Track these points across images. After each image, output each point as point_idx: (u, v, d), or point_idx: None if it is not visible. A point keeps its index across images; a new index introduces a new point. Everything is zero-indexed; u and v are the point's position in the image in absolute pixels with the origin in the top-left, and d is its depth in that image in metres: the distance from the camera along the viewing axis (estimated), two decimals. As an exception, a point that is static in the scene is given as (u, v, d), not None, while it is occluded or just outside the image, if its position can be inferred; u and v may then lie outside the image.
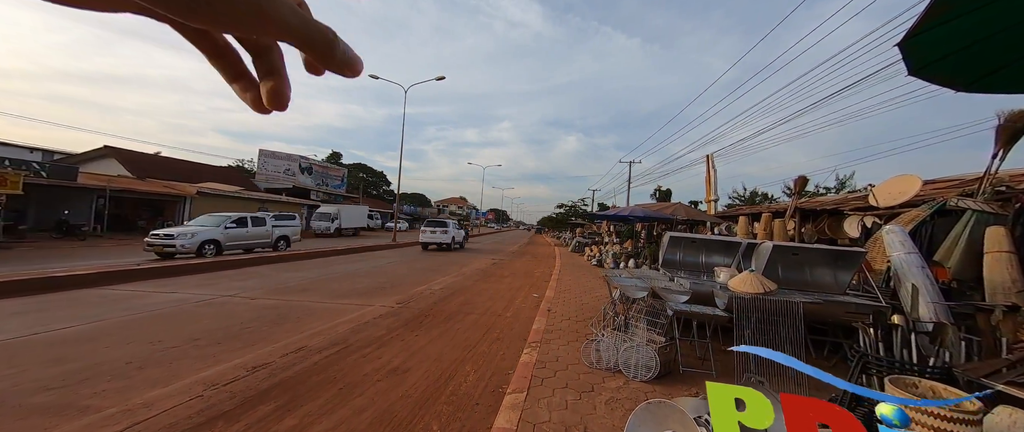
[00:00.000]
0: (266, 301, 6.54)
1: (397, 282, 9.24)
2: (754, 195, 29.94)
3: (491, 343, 4.91)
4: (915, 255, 4.10)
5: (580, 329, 5.21)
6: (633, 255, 12.29)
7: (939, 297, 3.77)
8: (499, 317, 6.31)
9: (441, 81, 21.29)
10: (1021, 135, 4.69)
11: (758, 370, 3.53)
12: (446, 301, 7.38)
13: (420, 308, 6.63)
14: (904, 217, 5.86)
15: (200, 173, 28.06)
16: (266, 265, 10.98)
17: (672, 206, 11.67)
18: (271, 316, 5.56)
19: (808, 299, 3.65)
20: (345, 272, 10.46)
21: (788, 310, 3.55)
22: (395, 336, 4.96)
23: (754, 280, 3.85)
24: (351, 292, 7.74)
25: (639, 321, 3.99)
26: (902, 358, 2.32)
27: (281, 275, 9.38)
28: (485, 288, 9.12)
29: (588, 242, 21.86)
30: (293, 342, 4.47)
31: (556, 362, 3.86)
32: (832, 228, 8.50)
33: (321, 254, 14.09)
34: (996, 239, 4.50)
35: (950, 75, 1.92)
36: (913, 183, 6.15)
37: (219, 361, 3.81)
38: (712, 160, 14.61)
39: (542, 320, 5.62)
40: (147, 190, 19.14)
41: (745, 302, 3.65)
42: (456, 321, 5.93)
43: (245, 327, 4.95)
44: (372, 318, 5.77)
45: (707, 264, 5.40)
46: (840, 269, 4.45)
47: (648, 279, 4.93)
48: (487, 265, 14.09)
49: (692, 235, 5.54)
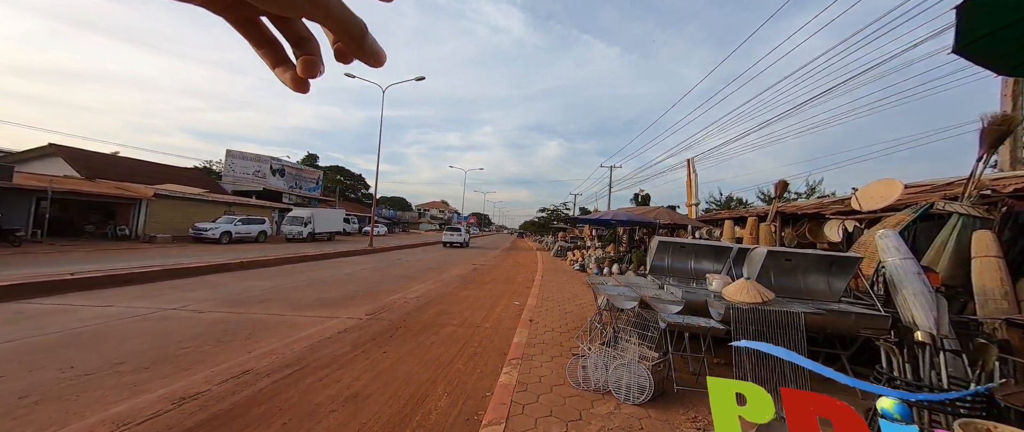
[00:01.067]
0: (215, 315, 5.85)
1: (369, 290, 8.63)
2: (730, 200, 30.66)
3: (468, 360, 4.45)
4: (911, 261, 3.94)
5: (564, 342, 4.82)
6: (617, 260, 12.07)
7: (936, 306, 3.60)
8: (478, 329, 5.86)
9: (421, 82, 20.73)
10: (1005, 138, 4.68)
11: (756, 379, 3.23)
12: (421, 311, 6.86)
13: (392, 320, 6.10)
14: (888, 221, 5.80)
15: (161, 174, 26.30)
16: (225, 273, 10.11)
17: (654, 210, 11.55)
18: (217, 333, 4.91)
19: (809, 310, 3.39)
20: (313, 280, 9.74)
21: (788, 322, 3.28)
22: (360, 354, 4.43)
23: (751, 288, 3.57)
24: (317, 303, 7.10)
25: (629, 334, 3.64)
26: (931, 381, 2.05)
27: (240, 284, 8.60)
28: (464, 296, 8.64)
29: (570, 246, 21.66)
30: (237, 365, 3.88)
31: (539, 384, 3.45)
32: (812, 232, 8.50)
33: (288, 261, 13.22)
34: (984, 244, 4.42)
35: (997, 55, 1.66)
36: (895, 187, 6.13)
37: (140, 392, 3.20)
38: (693, 164, 14.67)
39: (524, 332, 5.21)
40: (96, 192, 17.62)
41: (742, 313, 3.36)
42: (431, 334, 5.44)
43: (182, 347, 4.30)
44: (336, 332, 5.21)
45: (697, 270, 5.14)
46: (834, 275, 4.25)
47: (636, 287, 4.61)
48: (467, 271, 13.58)
49: (681, 240, 5.29)
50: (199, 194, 22.37)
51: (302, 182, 35.48)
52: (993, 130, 4.71)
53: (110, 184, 19.47)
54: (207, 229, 19.05)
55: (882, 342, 2.34)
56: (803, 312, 3.26)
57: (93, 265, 9.19)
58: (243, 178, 29.95)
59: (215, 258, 11.88)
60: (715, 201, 31.06)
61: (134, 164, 26.90)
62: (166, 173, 27.34)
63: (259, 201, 27.77)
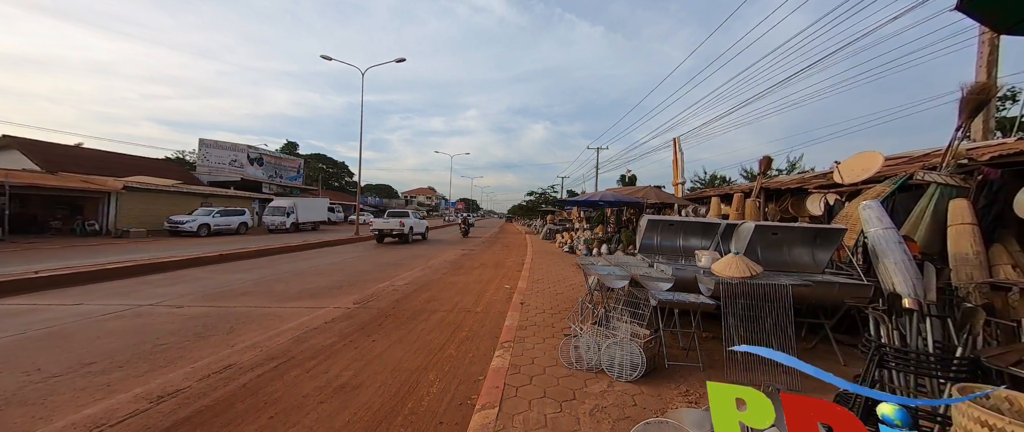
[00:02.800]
0: (195, 309, 5.64)
1: (356, 279, 8.48)
2: (713, 178, 31.15)
3: (459, 344, 4.41)
4: (892, 230, 4.01)
5: (556, 323, 4.82)
6: (605, 240, 12.15)
7: (919, 274, 3.69)
8: (468, 314, 5.81)
9: (403, 65, 20.03)
10: (983, 107, 4.75)
11: (746, 365, 3.28)
12: (410, 298, 6.77)
13: (380, 308, 5.99)
14: (869, 193, 5.91)
15: (131, 166, 25.07)
16: (204, 266, 9.78)
17: (642, 190, 11.58)
18: (196, 328, 4.73)
19: (796, 282, 3.43)
20: (297, 270, 9.51)
21: (776, 294, 3.31)
22: (348, 343, 4.33)
23: (739, 263, 3.58)
24: (301, 293, 6.93)
25: (620, 313, 3.63)
26: (918, 348, 2.09)
27: (221, 277, 8.32)
28: (454, 281, 8.58)
29: (559, 229, 21.74)
30: (219, 359, 3.74)
31: (532, 365, 3.42)
32: (795, 207, 8.65)
33: (271, 252, 12.88)
34: (960, 212, 4.54)
35: (997, 12, 1.60)
36: (875, 159, 6.23)
37: (114, 392, 3.05)
38: (679, 143, 14.71)
39: (515, 315, 5.18)
40: (60, 185, 16.67)
41: (732, 287, 3.37)
42: (420, 320, 5.36)
43: (159, 344, 4.12)
44: (322, 323, 5.08)
45: (686, 248, 5.16)
46: (819, 248, 4.31)
47: (626, 266, 4.60)
48: (457, 256, 13.50)
49: (670, 218, 5.28)
50: (173, 186, 21.46)
51: (282, 171, 34.40)
52: (972, 99, 4.78)
53: (74, 177, 18.46)
54: (184, 222, 18.38)
55: (871, 310, 2.36)
56: (790, 284, 3.29)
57: (60, 262, 8.75)
58: (219, 168, 28.82)
59: (193, 252, 11.46)
60: (700, 180, 31.53)
61: (101, 156, 25.53)
62: (137, 165, 26.06)
63: (238, 192, 26.84)
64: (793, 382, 3.17)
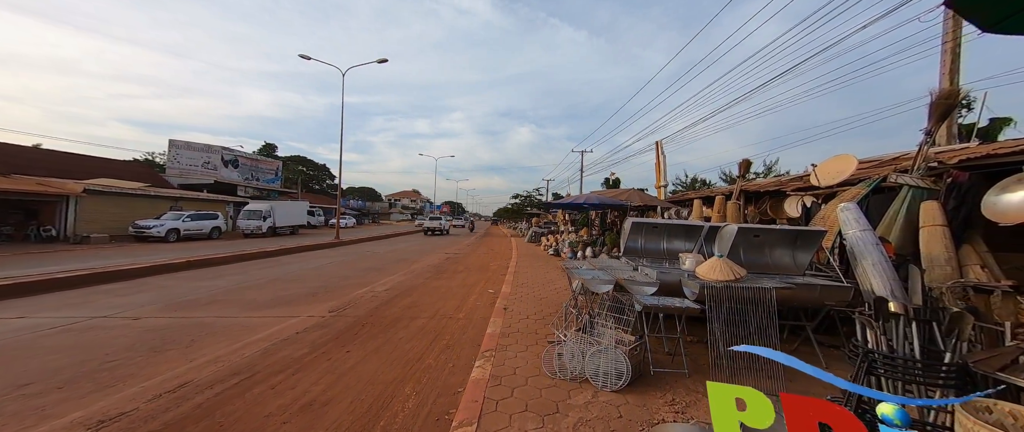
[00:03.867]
0: (153, 320, 5.26)
1: (334, 286, 8.15)
2: (694, 181, 31.80)
3: (439, 353, 4.22)
4: (869, 232, 4.06)
5: (540, 330, 4.69)
6: (590, 243, 12.13)
7: (895, 276, 3.74)
8: (450, 320, 5.62)
9: (387, 66, 19.68)
10: (951, 112, 4.90)
11: (732, 369, 3.22)
12: (390, 304, 6.53)
13: (357, 316, 5.74)
14: (844, 195, 6.03)
15: (95, 168, 23.74)
16: (171, 274, 9.24)
17: (625, 192, 11.63)
18: (152, 341, 4.39)
19: (779, 285, 3.40)
20: (272, 277, 9.09)
21: (760, 297, 3.27)
22: (320, 355, 4.09)
23: (723, 266, 3.54)
24: (274, 301, 6.58)
25: (605, 319, 3.53)
26: (905, 354, 2.05)
27: (187, 285, 7.86)
28: (436, 286, 8.35)
29: (544, 232, 21.72)
30: (174, 376, 3.45)
31: (513, 376, 3.28)
32: (773, 209, 8.82)
33: (245, 257, 12.33)
34: (931, 213, 4.65)
35: (983, 9, 1.57)
36: (850, 162, 6.38)
37: (48, 417, 2.74)
38: (661, 147, 14.89)
39: (498, 321, 5.03)
40: (12, 189, 15.59)
41: (716, 291, 3.32)
42: (399, 328, 5.15)
43: (108, 361, 3.78)
44: (294, 333, 4.81)
45: (670, 250, 5.13)
46: (799, 250, 4.33)
47: (611, 270, 4.51)
48: (440, 260, 13.24)
49: (654, 220, 5.25)
50: (138, 188, 20.40)
51: (259, 173, 33.25)
52: (941, 104, 4.93)
53: (30, 180, 17.29)
54: (151, 227, 17.47)
55: (857, 315, 2.32)
56: (773, 287, 3.26)
57: (4, 272, 8.09)
58: (191, 170, 27.62)
59: (159, 258, 10.84)
60: (681, 182, 32.13)
61: (62, 157, 24.11)
62: (101, 166, 24.71)
63: (211, 195, 25.77)
64: (779, 387, 3.13)
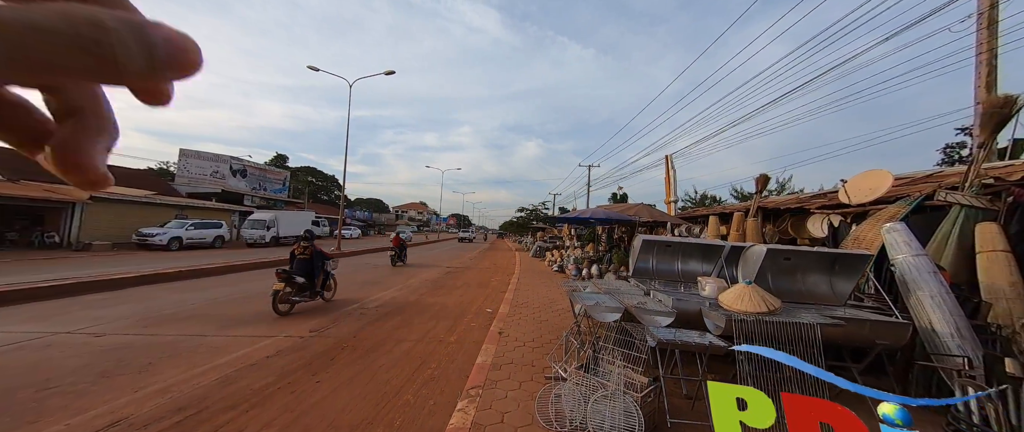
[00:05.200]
0: (118, 338, 4.83)
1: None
2: (704, 198, 31.01)
3: (421, 387, 3.69)
4: (925, 258, 3.49)
5: (537, 361, 4.14)
6: (596, 260, 11.54)
7: (959, 311, 3.15)
8: (439, 344, 5.09)
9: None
10: (1006, 121, 4.35)
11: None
12: (378, 323, 6.03)
13: (339, 336, 5.24)
14: (882, 214, 5.44)
15: (104, 175, 23.99)
16: (161, 284, 8.89)
17: (634, 207, 11.09)
18: (106, 363, 3.94)
19: (825, 320, 2.83)
20: (263, 290, 8.66)
21: (801, 335, 2.71)
22: (285, 385, 3.59)
23: (753, 295, 2.99)
24: (256, 317, 6.13)
25: (612, 355, 2.99)
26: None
27: (174, 297, 7.47)
28: (431, 303, 7.84)
29: (549, 246, 21.14)
30: (107, 412, 2.97)
31: (500, 425, 2.73)
32: (794, 228, 8.19)
33: (240, 268, 12.00)
34: (989, 237, 4.04)
35: None
36: (885, 179, 5.80)
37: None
38: (671, 161, 14.38)
39: (490, 349, 4.49)
40: (19, 194, 15.64)
41: (747, 326, 2.77)
42: (382, 353, 4.63)
43: (47, 387, 3.34)
44: (263, 357, 4.33)
45: (685, 272, 4.58)
46: (839, 276, 3.76)
47: (618, 294, 3.98)
48: (439, 275, 12.74)
49: (668, 238, 4.72)
50: (145, 196, 20.44)
51: (267, 183, 33.44)
52: (994, 114, 4.38)
53: (36, 186, 17.39)
54: (154, 235, 17.36)
55: (960, 377, 1.78)
56: (818, 323, 2.70)
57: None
58: (199, 179, 27.83)
59: (153, 267, 10.55)
60: (690, 199, 31.37)
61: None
62: (113, 175, 25.01)
63: (218, 204, 25.83)
64: None
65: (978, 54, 7.73)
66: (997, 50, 7.64)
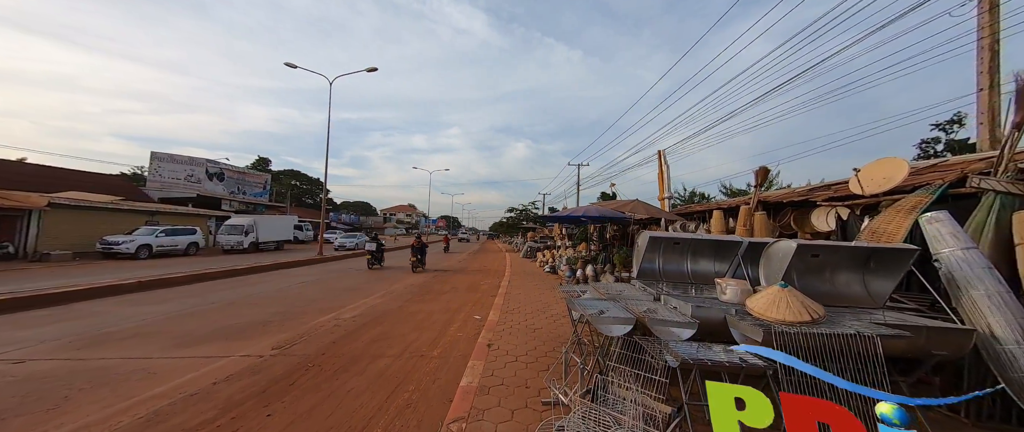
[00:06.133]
0: (41, 364, 4.10)
1: (296, 311, 6.99)
2: (693, 195, 30.95)
3: (394, 418, 3.10)
4: (975, 251, 3.05)
5: (532, 381, 3.58)
6: (590, 260, 11.05)
7: (1022, 311, 2.71)
8: (420, 360, 4.49)
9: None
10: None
11: None
12: (352, 337, 5.39)
13: (306, 354, 4.60)
14: (902, 204, 5.04)
15: (72, 181, 22.67)
16: (117, 296, 8.04)
17: (629, 204, 10.63)
18: (13, 398, 3.24)
19: (884, 330, 2.34)
20: (230, 300, 7.92)
21: (856, 348, 2.20)
22: (227, 423, 2.96)
23: (791, 300, 2.49)
24: (212, 334, 5.43)
25: (625, 377, 2.45)
26: None
27: (124, 311, 6.68)
28: (415, 311, 7.21)
29: (540, 247, 20.63)
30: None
31: (487, 476, 2.17)
32: (797, 221, 7.82)
33: (210, 276, 11.14)
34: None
35: None
36: (900, 167, 5.40)
37: None
38: (664, 156, 13.99)
39: (478, 366, 3.91)
40: (-34, 202, 14.42)
41: (788, 338, 2.25)
42: (353, 374, 4.02)
43: (-94, 440, 2.64)
44: (210, 384, 3.66)
45: (695, 273, 4.08)
46: (876, 274, 3.29)
47: (622, 299, 3.44)
48: (426, 279, 12.09)
49: (679, 234, 4.22)
50: (110, 202, 19.23)
51: (246, 187, 32.16)
52: (1031, 90, 3.99)
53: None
54: (120, 243, 16.28)
55: None
56: (875, 334, 2.20)
57: None
58: (172, 183, 26.53)
59: (111, 278, 9.65)
60: (680, 196, 31.26)
61: (40, 171, 23.10)
62: (80, 180, 23.65)
63: (193, 209, 24.62)
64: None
65: (979, 39, 7.45)
66: (999, 34, 7.38)
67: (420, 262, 13.86)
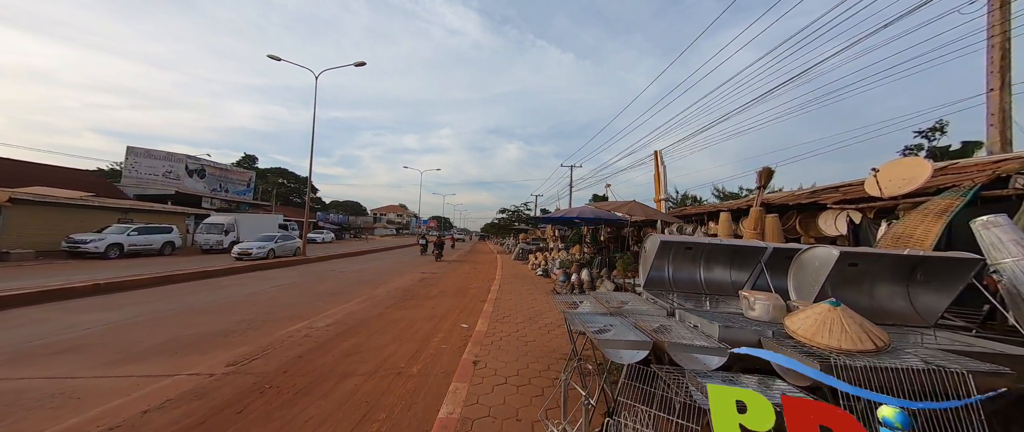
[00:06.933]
0: (-65, 388, 3.44)
1: (262, 319, 6.35)
2: (685, 198, 30.81)
3: (355, 459, 2.53)
4: (1044, 261, 2.62)
5: (523, 410, 3.04)
6: (586, 264, 10.57)
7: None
8: (397, 379, 3.93)
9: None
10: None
11: None
12: (322, 350, 4.79)
13: (264, 372, 4.00)
14: (931, 207, 4.64)
15: (40, 177, 21.45)
16: (68, 300, 7.29)
17: (626, 205, 10.18)
18: None
19: (980, 366, 1.86)
20: (190, 306, 7.24)
21: (931, 385, 1.72)
22: (142, 469, 2.36)
23: (848, 322, 2.00)
24: (161, 347, 4.78)
25: (643, 420, 1.93)
26: None
27: (68, 319, 5.97)
28: (396, 319, 6.62)
29: (532, 249, 20.13)
30: None
31: None
32: (803, 225, 7.44)
33: (178, 278, 10.38)
34: (1081, 233, 3.25)
35: None
36: (922, 168, 5.02)
37: None
38: (660, 157, 13.62)
39: (461, 390, 3.37)
40: (-84, 196, 13.38)
41: (855, 373, 1.76)
42: (316, 396, 3.44)
43: None
44: (140, 411, 3.06)
45: (709, 282, 3.60)
46: (925, 288, 2.84)
47: (631, 315, 2.94)
48: (412, 282, 11.48)
49: (693, 238, 3.74)
50: (80, 198, 18.19)
51: (229, 184, 31.05)
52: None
53: (-59, 187, 15.07)
54: (88, 241, 15.33)
55: None
56: (969, 371, 1.71)
57: None
58: (149, 180, 25.40)
59: (62, 280, 8.86)
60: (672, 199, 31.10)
61: (11, 165, 21.85)
62: (49, 175, 22.43)
63: (171, 207, 23.56)
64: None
65: (990, 38, 7.16)
66: (1010, 33, 7.09)
67: (440, 256, 19.99)
